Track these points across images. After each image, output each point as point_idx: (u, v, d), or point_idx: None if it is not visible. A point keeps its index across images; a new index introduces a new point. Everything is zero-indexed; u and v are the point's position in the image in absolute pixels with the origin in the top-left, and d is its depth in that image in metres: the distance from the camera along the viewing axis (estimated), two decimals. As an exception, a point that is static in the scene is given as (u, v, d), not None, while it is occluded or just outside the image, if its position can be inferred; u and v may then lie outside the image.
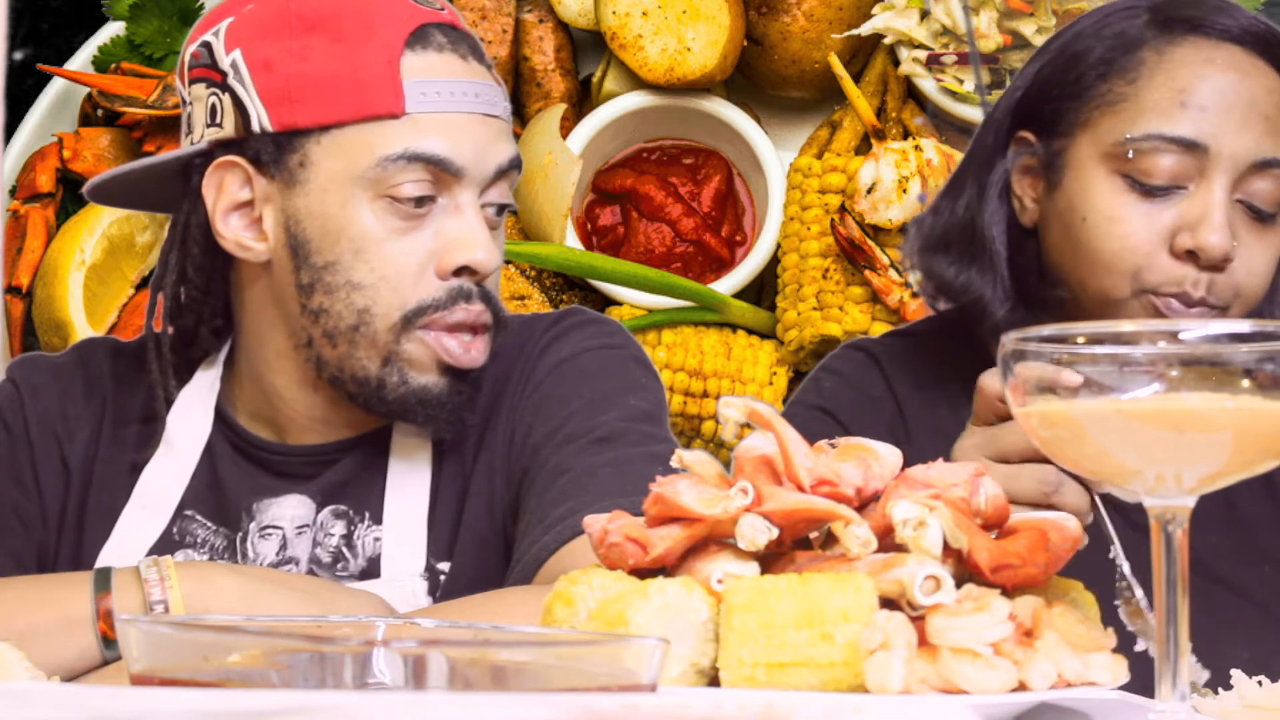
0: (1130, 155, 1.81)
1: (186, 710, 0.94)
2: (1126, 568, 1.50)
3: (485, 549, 1.81)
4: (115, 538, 1.82)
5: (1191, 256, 1.79)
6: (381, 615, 1.63)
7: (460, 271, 1.77)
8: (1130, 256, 1.81)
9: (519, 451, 1.82)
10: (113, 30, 2.95)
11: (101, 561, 1.80)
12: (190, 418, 1.86)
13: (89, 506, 1.86)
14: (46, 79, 2.97)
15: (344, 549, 1.81)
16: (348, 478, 1.83)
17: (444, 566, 1.80)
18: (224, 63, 1.78)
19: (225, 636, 1.12)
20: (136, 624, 1.10)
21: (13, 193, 2.93)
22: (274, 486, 1.84)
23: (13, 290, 2.89)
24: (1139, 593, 1.49)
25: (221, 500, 1.84)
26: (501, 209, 1.82)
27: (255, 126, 1.76)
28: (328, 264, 1.76)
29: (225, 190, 1.79)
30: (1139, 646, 1.49)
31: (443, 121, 1.76)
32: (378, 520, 1.82)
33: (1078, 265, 1.85)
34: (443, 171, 1.75)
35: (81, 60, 2.95)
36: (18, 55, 3.07)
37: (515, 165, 1.82)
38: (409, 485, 1.82)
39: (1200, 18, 1.85)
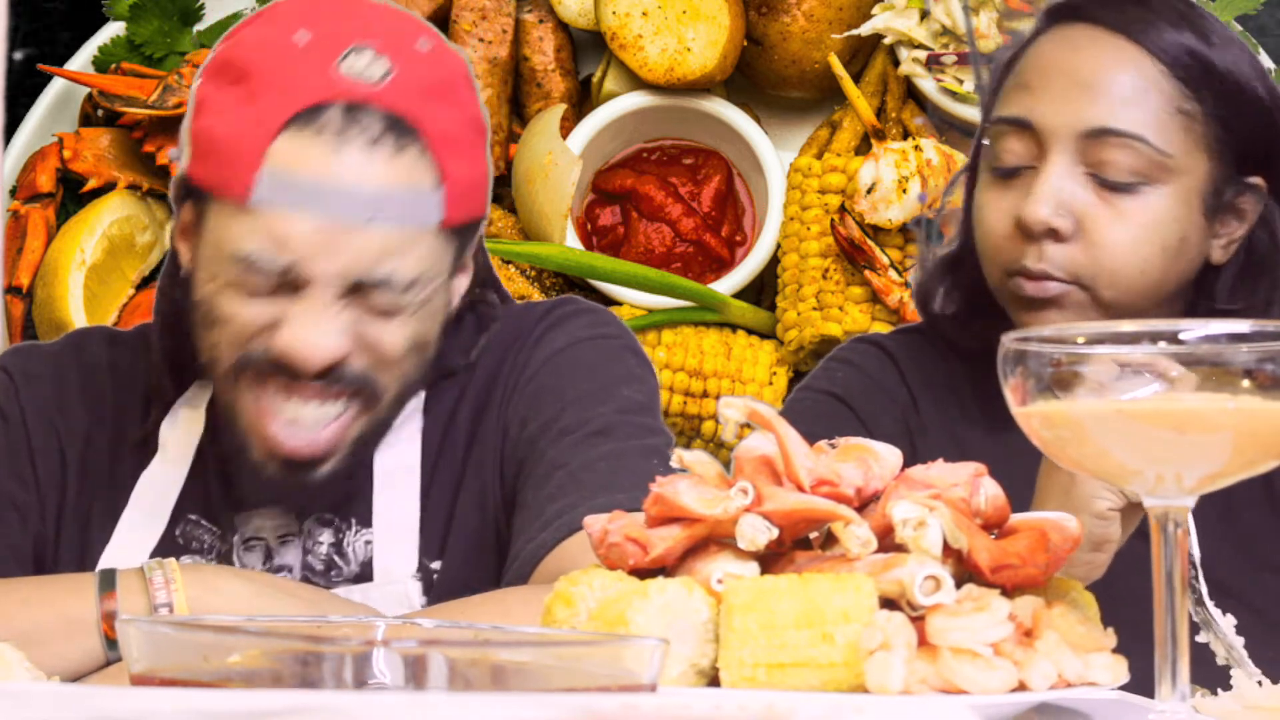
0: (986, 143, 1.89)
1: (186, 710, 0.94)
2: (1203, 587, 1.57)
3: (478, 545, 1.80)
4: (115, 540, 1.80)
5: (1026, 231, 1.83)
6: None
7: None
8: (991, 242, 1.87)
9: (514, 444, 1.81)
10: (113, 30, 2.95)
11: (103, 563, 1.79)
12: (184, 422, 1.84)
13: (86, 499, 1.84)
14: (46, 79, 2.97)
15: (334, 556, 1.80)
16: (329, 484, 1.80)
17: (436, 565, 1.79)
18: (194, 89, 1.76)
19: (225, 637, 1.12)
20: (136, 624, 1.10)
21: (13, 193, 2.93)
22: (254, 498, 1.82)
23: (13, 290, 2.89)
24: (1204, 589, 1.56)
25: (212, 509, 1.83)
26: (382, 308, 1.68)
27: (183, 164, 1.74)
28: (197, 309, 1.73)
29: (180, 209, 1.77)
30: (1220, 660, 1.58)
31: (284, 222, 1.64)
32: (366, 524, 1.80)
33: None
34: (282, 277, 1.65)
35: (81, 60, 2.95)
36: (18, 55, 3.06)
37: (384, 280, 1.65)
38: (397, 486, 1.80)
39: (1061, 6, 1.89)
